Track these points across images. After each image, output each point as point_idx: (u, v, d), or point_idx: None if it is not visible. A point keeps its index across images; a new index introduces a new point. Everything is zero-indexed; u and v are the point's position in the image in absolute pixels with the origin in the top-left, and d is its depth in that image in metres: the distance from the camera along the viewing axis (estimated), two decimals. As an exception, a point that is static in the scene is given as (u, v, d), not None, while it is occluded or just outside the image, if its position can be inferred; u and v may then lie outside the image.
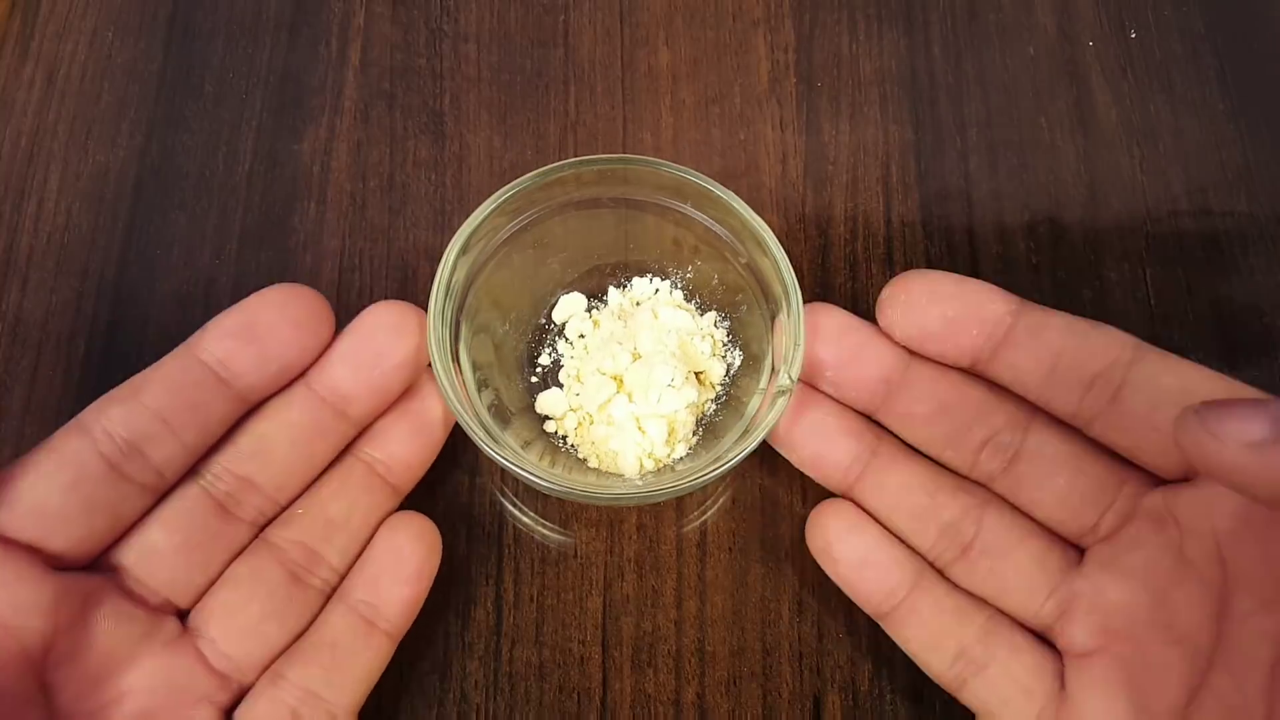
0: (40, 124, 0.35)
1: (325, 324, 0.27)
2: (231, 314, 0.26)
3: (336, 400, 0.27)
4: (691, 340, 0.32)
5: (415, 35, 0.38)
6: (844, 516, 0.28)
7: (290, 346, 0.26)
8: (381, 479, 0.28)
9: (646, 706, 0.29)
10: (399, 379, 0.27)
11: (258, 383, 0.26)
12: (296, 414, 0.27)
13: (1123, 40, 0.38)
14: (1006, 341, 0.27)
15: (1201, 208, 0.36)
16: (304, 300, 0.27)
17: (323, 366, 0.27)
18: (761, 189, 0.36)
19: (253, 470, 0.26)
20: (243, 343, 0.26)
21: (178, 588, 0.26)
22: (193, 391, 0.25)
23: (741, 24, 0.38)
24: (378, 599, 0.27)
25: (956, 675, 0.27)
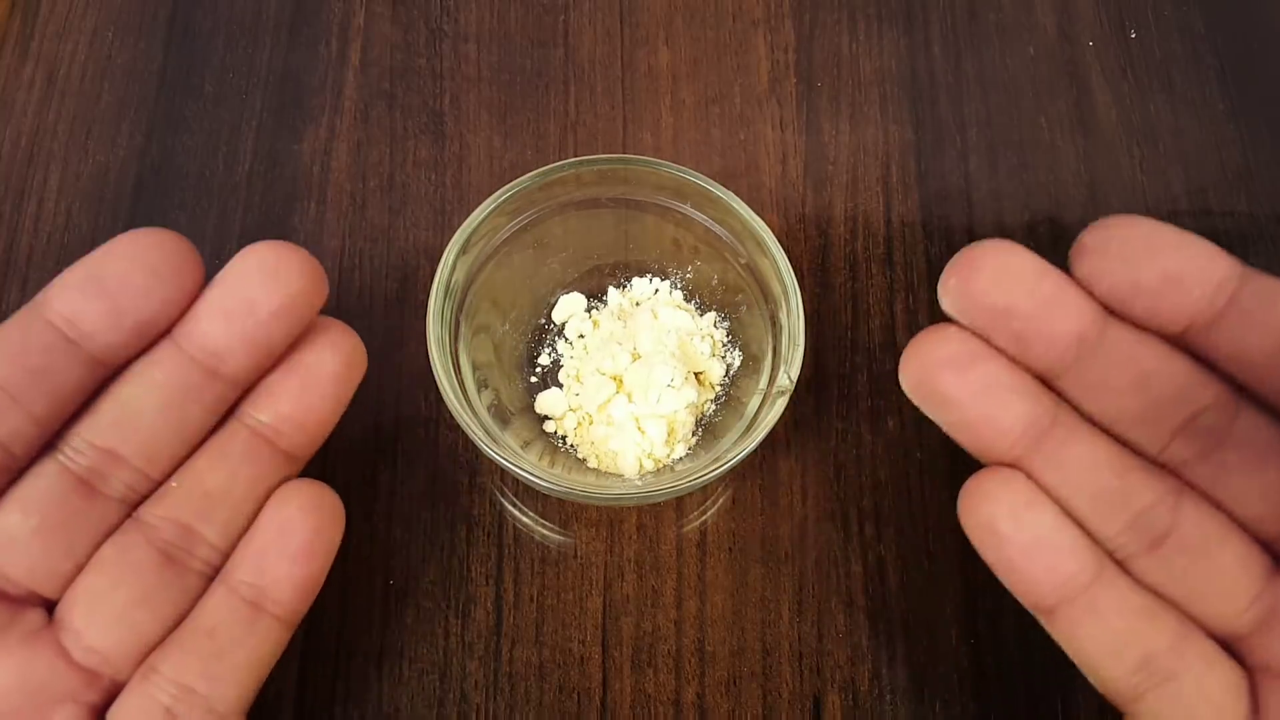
0: (40, 124, 0.35)
1: (190, 273, 0.23)
2: (77, 266, 0.23)
3: (207, 358, 0.23)
4: (691, 340, 0.32)
5: (415, 35, 0.38)
6: (1016, 488, 0.24)
7: (148, 299, 0.23)
8: (269, 444, 0.25)
9: (646, 706, 0.29)
10: (278, 330, 0.24)
11: (113, 342, 0.23)
12: (162, 375, 0.23)
13: (1123, 40, 0.38)
14: (1230, 310, 0.23)
15: (1201, 208, 0.36)
16: (162, 246, 0.23)
17: (189, 320, 0.23)
18: (761, 189, 0.36)
19: (116, 441, 0.23)
20: (91, 297, 0.22)
21: (39, 576, 0.23)
22: (38, 356, 0.22)
23: (741, 24, 0.38)
24: (264, 579, 0.24)
25: (1135, 686, 0.23)
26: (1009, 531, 0.23)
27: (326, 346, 0.25)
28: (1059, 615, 0.24)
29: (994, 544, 0.24)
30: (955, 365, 0.24)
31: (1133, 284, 0.23)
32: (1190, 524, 0.23)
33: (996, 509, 0.24)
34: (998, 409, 0.24)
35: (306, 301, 0.24)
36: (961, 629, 0.30)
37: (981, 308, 0.24)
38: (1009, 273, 0.24)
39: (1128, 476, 0.24)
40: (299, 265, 0.24)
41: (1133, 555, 0.24)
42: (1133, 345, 0.24)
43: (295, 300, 0.24)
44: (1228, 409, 0.24)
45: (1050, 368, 0.24)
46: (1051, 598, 0.23)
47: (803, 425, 0.32)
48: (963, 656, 0.30)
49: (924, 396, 0.25)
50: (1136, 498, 0.24)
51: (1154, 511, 0.23)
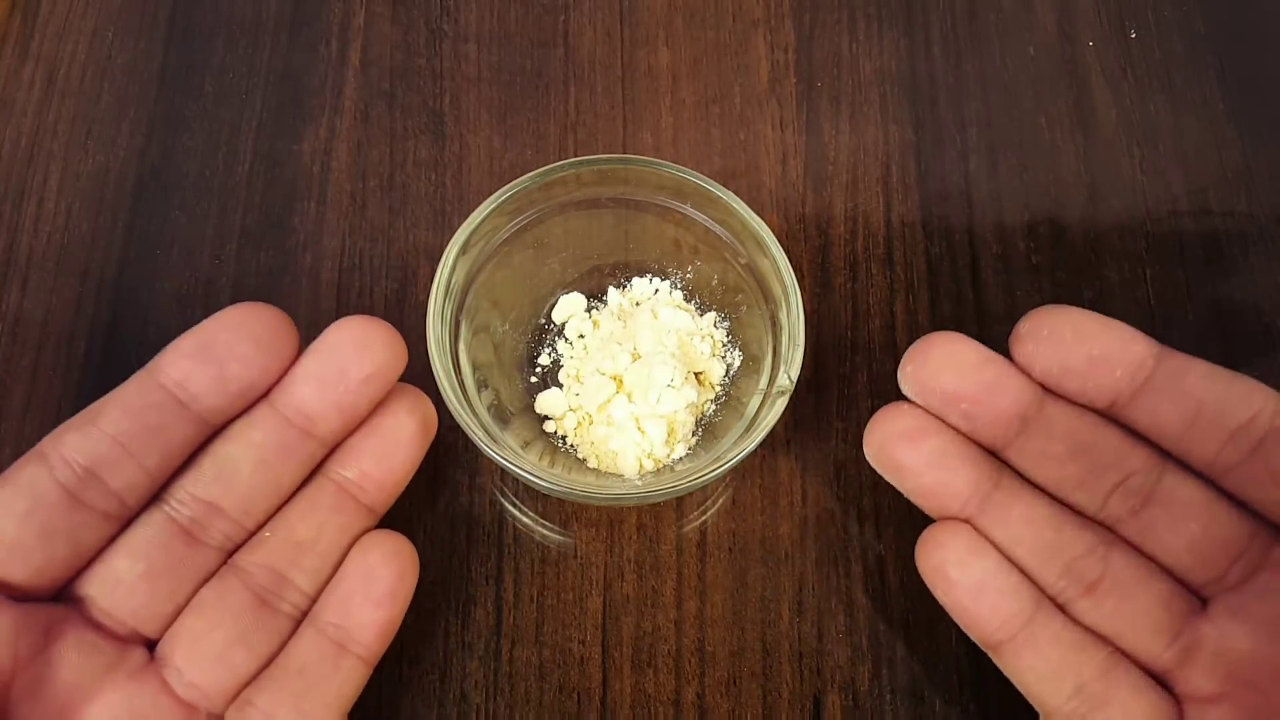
0: (40, 124, 0.35)
1: (288, 342, 0.26)
2: (189, 336, 0.25)
3: (302, 420, 0.26)
4: (691, 340, 0.32)
5: (415, 35, 0.38)
6: (962, 538, 0.27)
7: (250, 366, 0.25)
8: (353, 498, 0.27)
9: (646, 706, 0.29)
10: (365, 395, 0.26)
11: (218, 404, 0.25)
12: (260, 435, 0.26)
13: (1123, 40, 0.38)
14: (1148, 386, 0.26)
15: (1201, 208, 0.36)
16: (264, 318, 0.26)
17: (286, 386, 0.26)
18: (761, 189, 0.36)
19: (217, 494, 0.26)
20: (201, 364, 0.25)
21: (143, 617, 0.25)
22: (152, 415, 0.25)
23: (741, 24, 0.38)
24: (349, 621, 0.26)
25: (1073, 711, 0.26)
26: (956, 576, 0.27)
27: (404, 411, 0.27)
28: (1004, 649, 0.26)
29: (945, 587, 0.27)
30: (909, 439, 0.27)
31: (1063, 366, 0.26)
32: (1119, 570, 0.26)
33: (946, 555, 0.27)
34: (947, 475, 0.27)
35: (391, 371, 0.26)
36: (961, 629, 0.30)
37: (933, 392, 0.27)
38: (956, 361, 0.27)
39: (1063, 530, 0.27)
40: (385, 339, 0.26)
41: (1071, 599, 0.26)
42: (1068, 419, 0.27)
43: (381, 370, 0.26)
44: (1154, 471, 0.27)
45: (997, 441, 0.27)
46: (998, 634, 0.26)
47: (803, 425, 0.32)
48: (963, 656, 0.30)
49: (884, 465, 0.28)
50: (1071, 548, 0.26)
51: (1087, 560, 0.26)
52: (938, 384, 0.27)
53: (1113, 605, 0.26)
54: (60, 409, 0.32)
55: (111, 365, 0.32)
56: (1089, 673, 0.26)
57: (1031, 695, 0.27)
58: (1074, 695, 0.26)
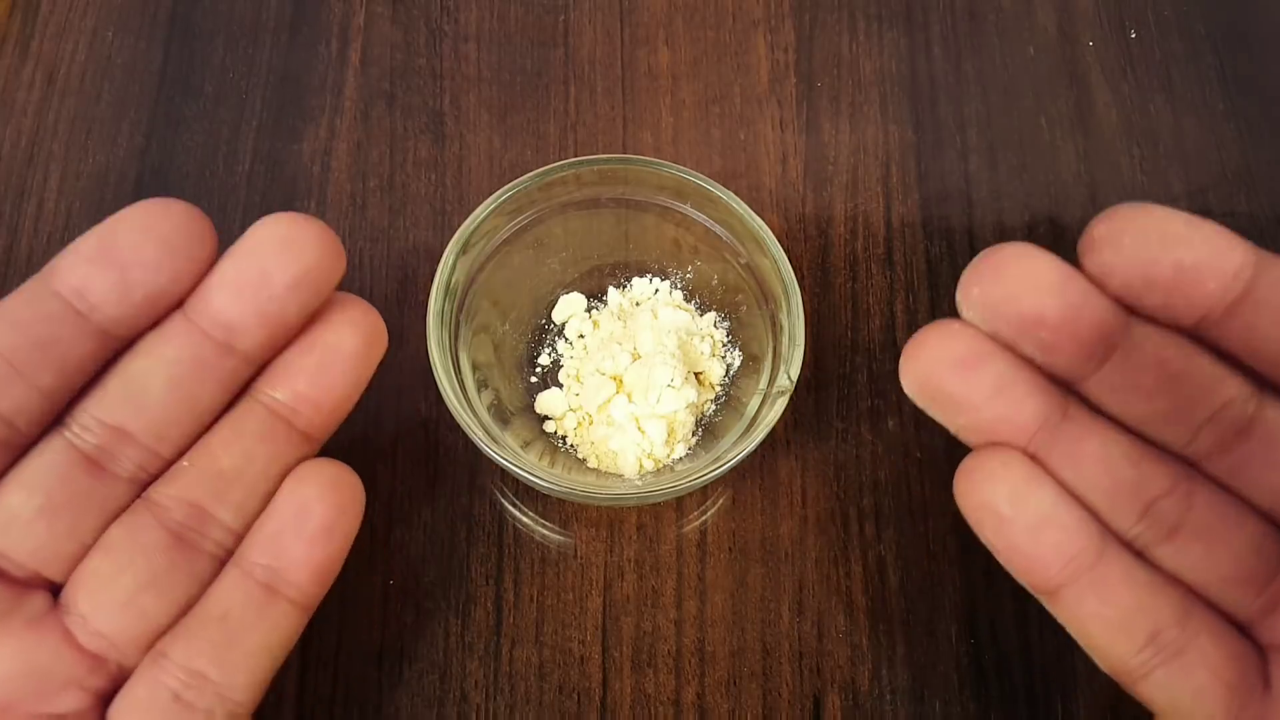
0: (40, 124, 0.35)
1: (203, 244, 0.22)
2: (88, 236, 0.22)
3: (220, 332, 0.23)
4: (691, 340, 0.32)
5: (415, 35, 0.38)
6: (1016, 468, 0.23)
7: (158, 271, 0.22)
8: (285, 423, 0.24)
9: (646, 706, 0.29)
10: (294, 303, 0.23)
11: (122, 314, 0.22)
12: (173, 350, 0.23)
13: (1123, 40, 0.38)
14: (1245, 299, 0.22)
15: (1201, 208, 0.36)
16: (174, 216, 0.22)
17: (201, 293, 0.23)
18: (761, 189, 0.36)
19: (126, 417, 0.23)
20: (100, 268, 0.22)
21: (44, 558, 0.22)
22: (44, 327, 0.22)
23: (741, 24, 0.38)
24: (280, 561, 0.23)
25: (1144, 663, 0.23)
26: (1010, 512, 0.23)
27: (345, 323, 0.24)
28: (1065, 595, 0.23)
29: (995, 525, 0.23)
30: (965, 365, 0.23)
31: (1146, 278, 0.23)
32: (1204, 511, 0.23)
33: (997, 489, 0.23)
34: (1011, 409, 0.23)
35: (323, 275, 0.23)
36: (961, 629, 0.30)
37: (1009, 317, 0.23)
38: (1035, 280, 0.23)
39: (1141, 467, 0.23)
40: (315, 237, 0.23)
41: (1149, 544, 0.23)
42: (1157, 344, 0.23)
43: (311, 273, 0.23)
44: (1250, 401, 0.23)
45: (1075, 372, 0.24)
46: (1057, 578, 0.23)
47: (803, 425, 0.32)
48: (963, 656, 0.30)
49: (930, 398, 0.24)
50: (1150, 487, 0.23)
51: (1168, 500, 0.23)
52: (1015, 307, 0.23)
53: (1198, 551, 0.23)
54: (60, 409, 0.32)
55: (111, 365, 0.32)
56: (1165, 619, 0.23)
57: (1094, 646, 0.23)
58: (1147, 644, 0.23)
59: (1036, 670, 0.30)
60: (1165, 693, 0.23)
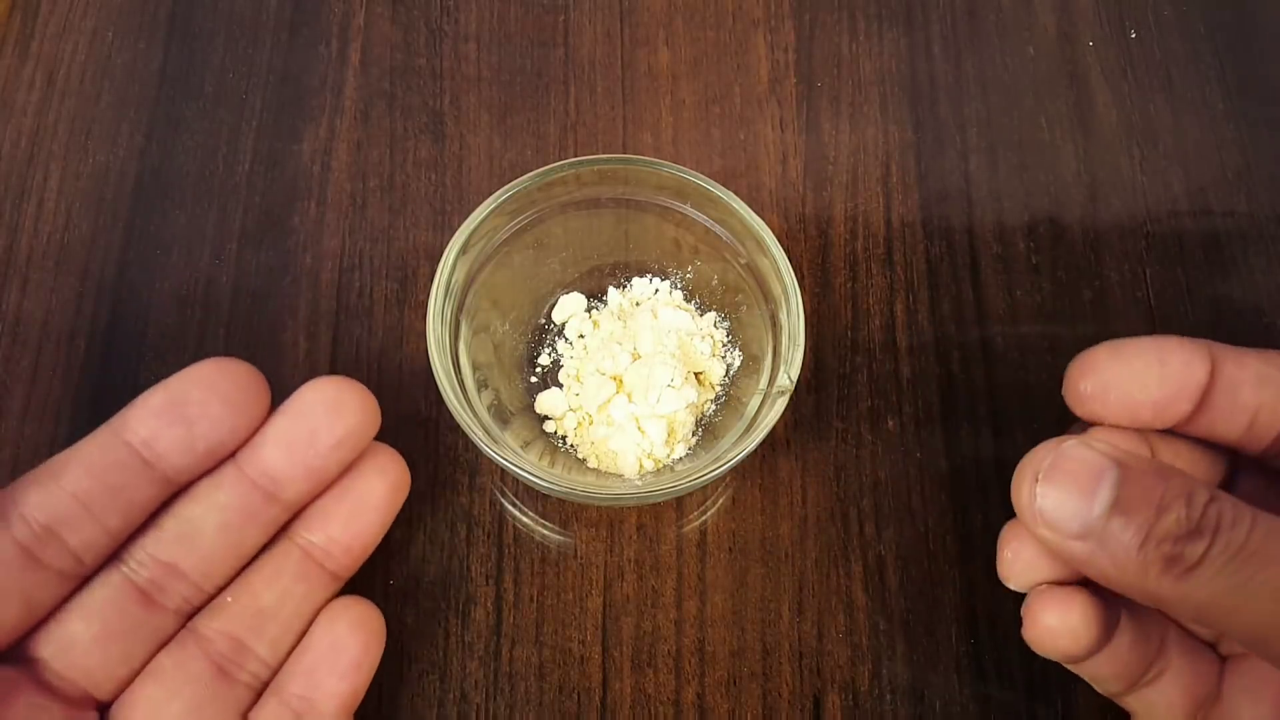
0: (40, 124, 0.35)
1: (259, 401, 0.25)
2: (158, 391, 0.25)
3: (268, 483, 0.25)
4: (691, 340, 0.32)
5: (415, 35, 0.38)
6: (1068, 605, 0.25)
7: (220, 427, 0.25)
8: (318, 565, 0.27)
9: (646, 706, 0.29)
10: (335, 460, 0.26)
11: (185, 464, 0.25)
12: (225, 497, 0.25)
13: (1123, 40, 0.38)
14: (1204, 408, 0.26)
15: (1201, 208, 0.36)
16: (237, 376, 0.25)
17: (254, 447, 0.25)
18: (761, 189, 0.36)
19: (178, 556, 0.25)
20: (169, 423, 0.24)
21: (97, 680, 0.24)
22: (115, 474, 0.24)
23: (741, 24, 0.38)
24: (314, 693, 0.25)
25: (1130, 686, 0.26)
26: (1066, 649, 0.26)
27: (375, 473, 0.27)
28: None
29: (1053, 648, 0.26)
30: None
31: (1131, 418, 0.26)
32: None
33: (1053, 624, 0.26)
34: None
35: (363, 434, 0.26)
36: (961, 629, 0.30)
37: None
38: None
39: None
40: (358, 401, 0.26)
41: None
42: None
43: (353, 434, 0.26)
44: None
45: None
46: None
47: (803, 425, 0.32)
48: (963, 656, 0.30)
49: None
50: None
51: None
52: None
53: None
54: (60, 409, 0.32)
55: (111, 365, 0.32)
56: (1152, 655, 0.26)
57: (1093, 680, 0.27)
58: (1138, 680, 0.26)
59: (1036, 670, 0.30)
60: (1144, 705, 0.26)
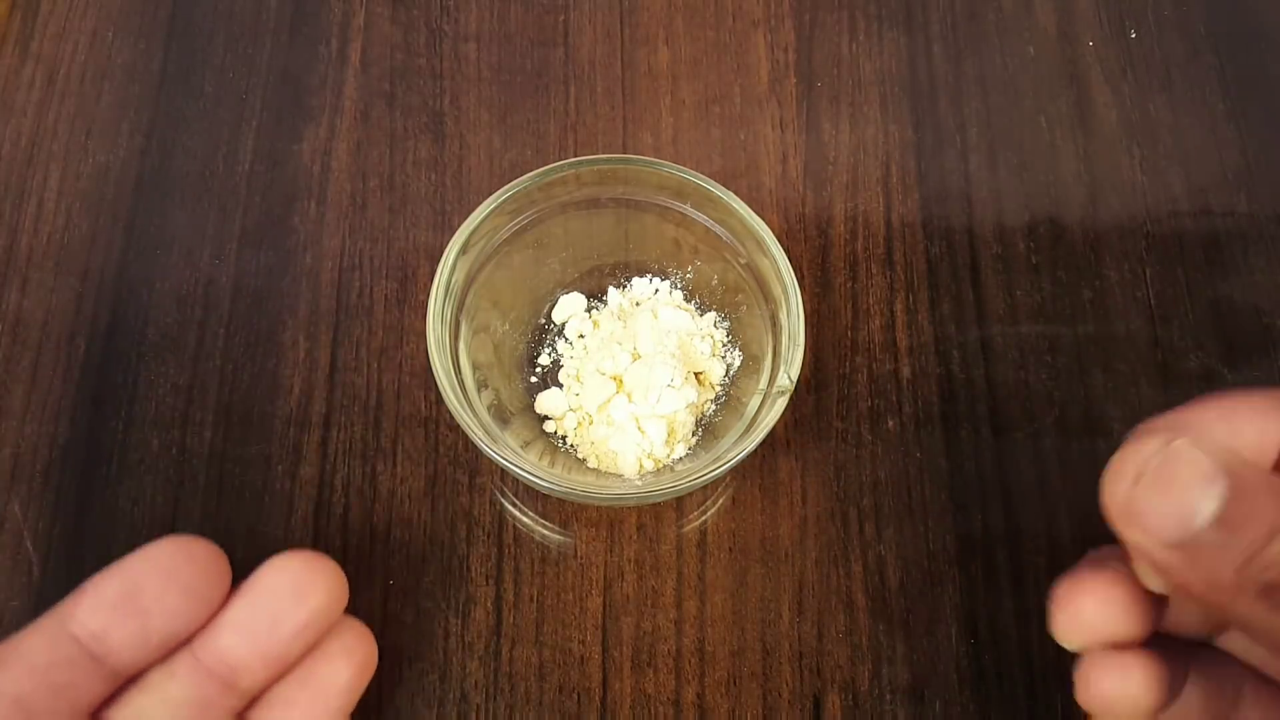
0: (40, 124, 0.35)
1: (218, 586, 0.24)
2: (111, 578, 0.23)
3: (225, 671, 0.24)
4: (691, 340, 0.32)
5: (415, 35, 0.38)
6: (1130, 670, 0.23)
7: (177, 618, 0.23)
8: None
9: (646, 706, 0.29)
10: (297, 646, 0.24)
11: (137, 659, 0.23)
12: (178, 689, 0.23)
13: (1123, 40, 0.38)
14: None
15: (1201, 208, 0.36)
16: (197, 560, 0.23)
17: (212, 633, 0.24)
18: (761, 189, 0.36)
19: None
20: (123, 616, 0.23)
21: None
22: (60, 672, 0.22)
23: (741, 24, 0.38)
24: None
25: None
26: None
27: (341, 655, 0.25)
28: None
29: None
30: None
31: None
32: None
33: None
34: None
35: (329, 615, 0.24)
36: (961, 629, 0.30)
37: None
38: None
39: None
40: (324, 580, 0.24)
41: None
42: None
43: (317, 617, 0.24)
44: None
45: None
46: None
47: (803, 425, 0.32)
48: (963, 656, 0.30)
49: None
50: None
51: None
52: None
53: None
54: (60, 409, 0.32)
55: (111, 365, 0.32)
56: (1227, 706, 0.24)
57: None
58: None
59: (1036, 670, 0.30)
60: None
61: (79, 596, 0.23)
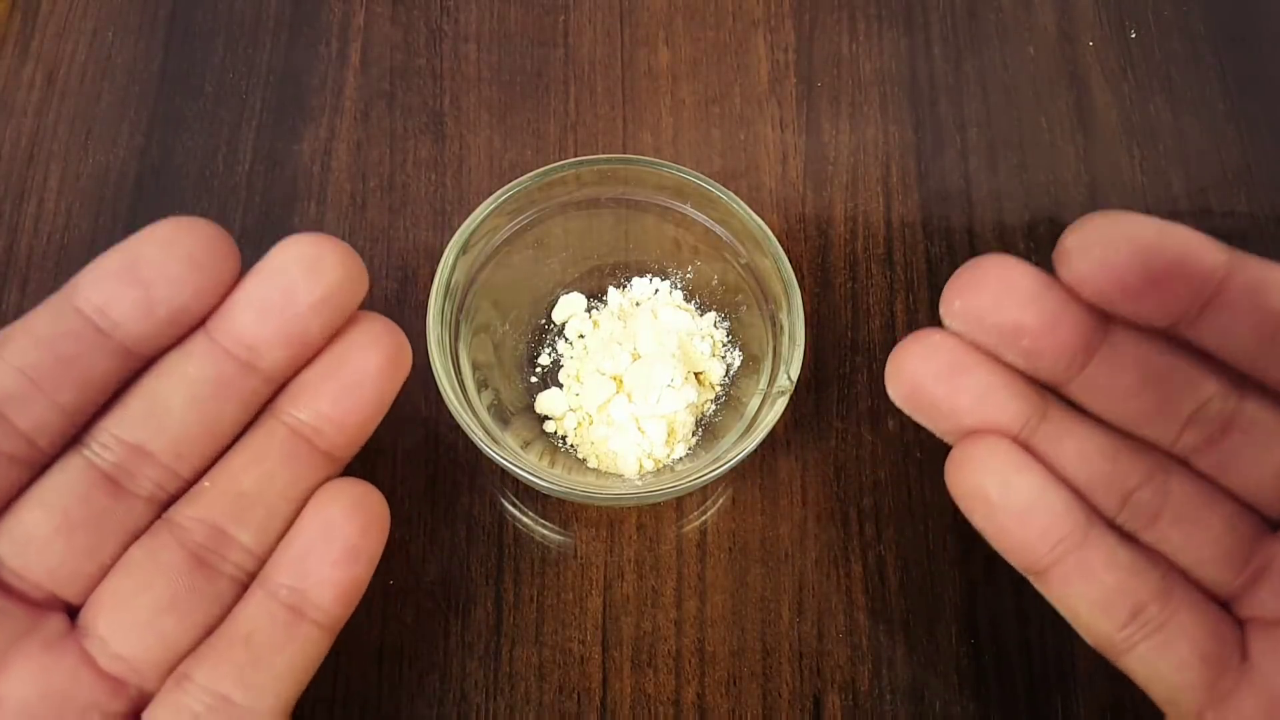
0: (40, 124, 0.35)
1: (226, 262, 0.22)
2: (112, 253, 0.22)
3: (242, 351, 0.22)
4: (691, 340, 0.32)
5: (415, 35, 0.38)
6: (1004, 454, 0.24)
7: (182, 288, 0.22)
8: (308, 443, 0.23)
9: (646, 707, 0.29)
10: (317, 323, 0.23)
11: (145, 332, 0.22)
12: (195, 368, 0.22)
13: (1123, 40, 0.38)
14: (1218, 299, 0.23)
15: (1201, 208, 0.36)
16: (198, 235, 0.22)
17: (225, 312, 0.22)
18: (761, 189, 0.36)
19: (145, 436, 0.22)
20: (124, 285, 0.21)
21: (61, 578, 0.22)
22: (66, 344, 0.21)
23: (741, 24, 0.38)
24: (305, 583, 0.23)
25: (1127, 638, 0.24)
26: (1000, 498, 0.24)
27: (368, 342, 0.24)
28: (1052, 575, 0.24)
29: (985, 510, 0.24)
30: (949, 376, 0.24)
31: (1118, 285, 0.23)
32: (1182, 498, 0.24)
33: (986, 476, 0.24)
34: (993, 413, 0.24)
35: (346, 294, 0.23)
36: (961, 629, 0.30)
37: (990, 327, 0.24)
38: (1014, 290, 0.24)
39: (1118, 460, 0.24)
40: (338, 257, 0.23)
41: (1132, 532, 0.24)
42: (1135, 347, 0.24)
43: (334, 293, 0.23)
44: (1229, 399, 0.24)
45: (1059, 376, 0.24)
46: (1045, 560, 0.24)
47: (803, 425, 0.32)
48: (963, 656, 0.30)
49: (916, 406, 0.25)
50: (1128, 479, 0.24)
51: (1146, 490, 0.24)
52: (995, 318, 0.24)
53: (1178, 535, 0.24)
54: (60, 409, 0.32)
55: (111, 365, 0.32)
56: (1147, 596, 0.23)
57: (1081, 624, 0.24)
58: (1130, 622, 0.23)
59: (1036, 670, 0.30)
60: (1148, 666, 0.24)
61: (80, 274, 0.22)
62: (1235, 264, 0.23)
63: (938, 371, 0.24)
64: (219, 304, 0.23)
